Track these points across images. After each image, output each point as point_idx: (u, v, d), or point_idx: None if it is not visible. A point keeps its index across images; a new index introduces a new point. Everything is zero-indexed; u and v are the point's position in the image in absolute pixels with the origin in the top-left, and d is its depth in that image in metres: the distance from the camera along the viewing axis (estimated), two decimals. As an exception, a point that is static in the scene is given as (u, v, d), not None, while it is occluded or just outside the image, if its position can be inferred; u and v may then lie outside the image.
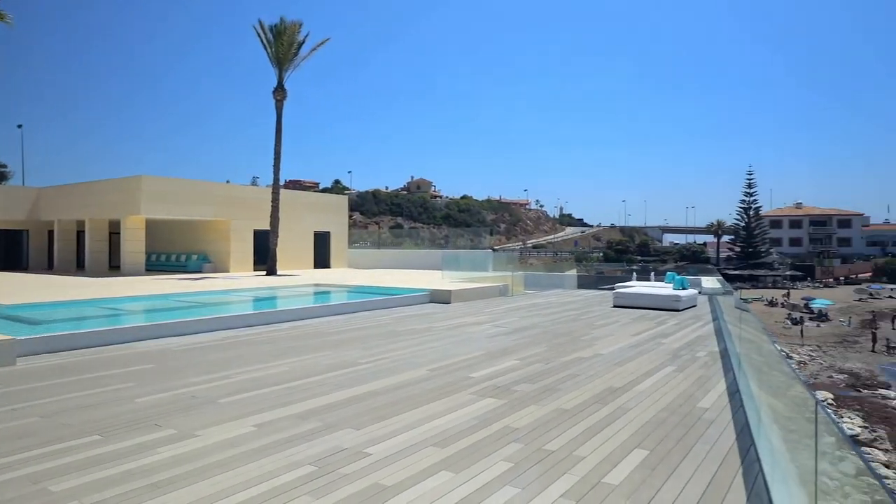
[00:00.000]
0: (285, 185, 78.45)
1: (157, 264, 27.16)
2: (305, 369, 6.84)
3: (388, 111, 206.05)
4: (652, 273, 21.50)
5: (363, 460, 3.98)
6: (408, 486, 3.56)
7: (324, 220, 30.15)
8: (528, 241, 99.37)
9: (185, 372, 6.69)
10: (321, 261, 29.70)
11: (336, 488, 3.53)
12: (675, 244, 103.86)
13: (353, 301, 13.23)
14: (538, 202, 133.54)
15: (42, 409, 5.14)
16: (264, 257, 24.34)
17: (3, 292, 14.45)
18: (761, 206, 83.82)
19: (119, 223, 24.27)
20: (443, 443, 4.33)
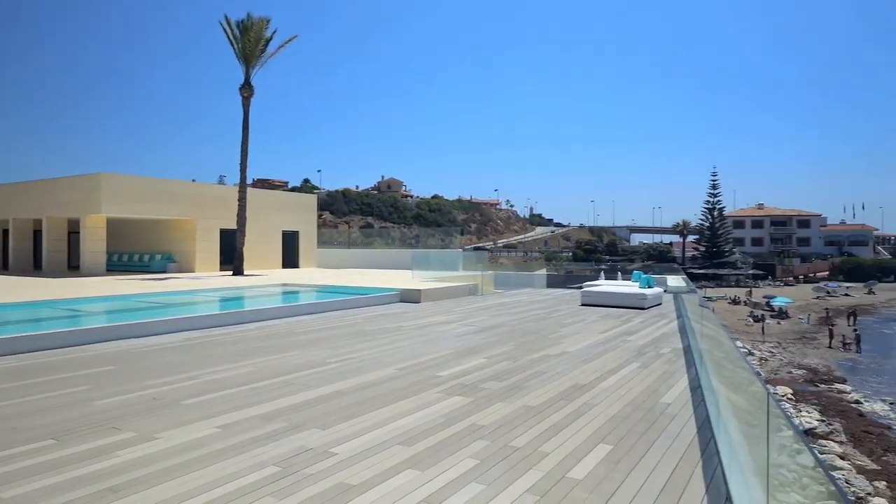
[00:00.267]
0: (253, 184, 77.23)
1: (119, 264, 26.46)
2: (272, 369, 6.75)
3: (358, 111, 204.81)
4: (619, 272, 21.86)
5: (328, 460, 3.94)
6: (373, 485, 3.55)
7: (292, 219, 29.80)
8: (498, 241, 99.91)
9: (147, 373, 6.53)
10: (290, 260, 29.35)
11: (300, 488, 3.49)
12: (643, 244, 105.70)
13: (321, 301, 13.11)
14: (508, 202, 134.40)
15: (-6, 413, 4.96)
16: (231, 257, 23.94)
17: (-46, 293, 13.89)
18: (725, 207, 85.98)
19: (78, 222, 23.57)
20: (409, 441, 4.32)
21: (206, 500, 3.30)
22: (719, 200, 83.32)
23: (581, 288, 15.90)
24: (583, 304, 14.49)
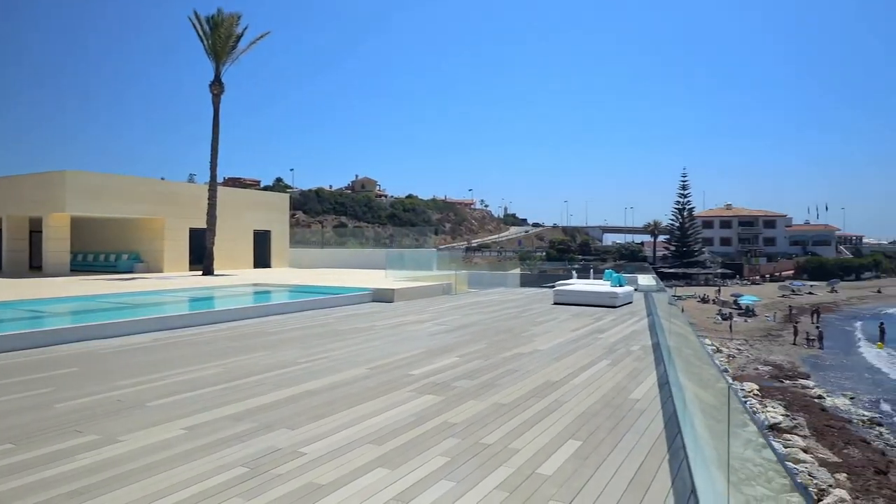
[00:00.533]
0: (225, 183, 76.04)
1: (84, 264, 25.79)
2: (242, 370, 6.66)
3: (332, 110, 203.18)
4: (591, 271, 22.13)
5: (298, 460, 3.91)
6: (343, 484, 3.53)
7: (264, 218, 29.43)
8: (472, 241, 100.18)
9: (112, 375, 6.38)
10: (261, 260, 28.98)
11: (269, 489, 3.45)
12: (616, 243, 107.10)
13: (293, 301, 12.98)
14: (483, 202, 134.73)
15: (-51, 417, 4.79)
16: (201, 257, 23.52)
17: None
18: (694, 207, 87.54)
19: (41, 221, 22.89)
20: (380, 440, 4.31)
21: (173, 502, 3.24)
22: (689, 201, 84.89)
23: (553, 287, 16.04)
24: (555, 303, 14.62)
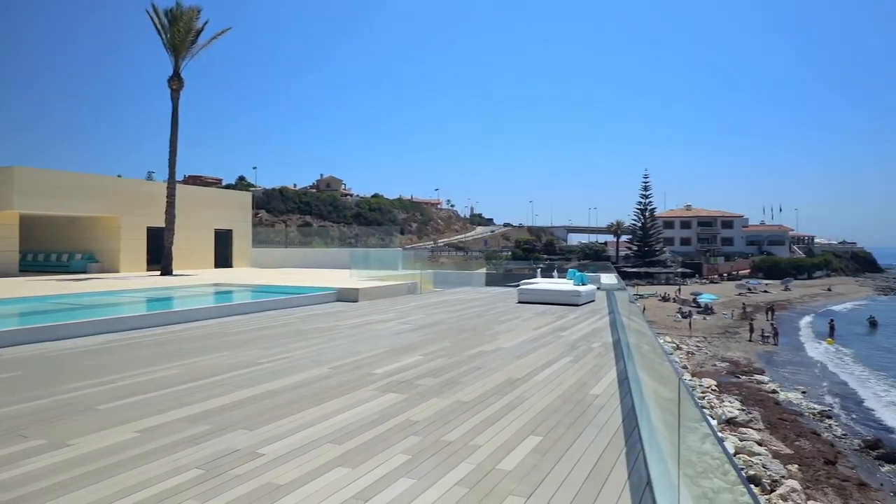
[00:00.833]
0: (185, 181, 74.13)
1: (35, 264, 24.78)
2: (199, 371, 6.50)
3: (296, 108, 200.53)
4: (556, 271, 22.39)
5: (256, 461, 3.83)
6: (302, 484, 3.48)
7: (225, 217, 28.82)
8: (439, 241, 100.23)
9: (60, 378, 6.15)
10: (223, 260, 28.37)
11: (225, 490, 3.38)
12: (581, 243, 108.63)
13: (254, 301, 12.75)
14: (449, 202, 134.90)
15: None
16: (159, 256, 22.89)
17: None
18: (656, 208, 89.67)
19: (-12, 219, 21.91)
20: (340, 439, 4.26)
21: (122, 507, 3.14)
22: (651, 202, 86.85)
23: (518, 286, 16.17)
24: (519, 302, 14.74)
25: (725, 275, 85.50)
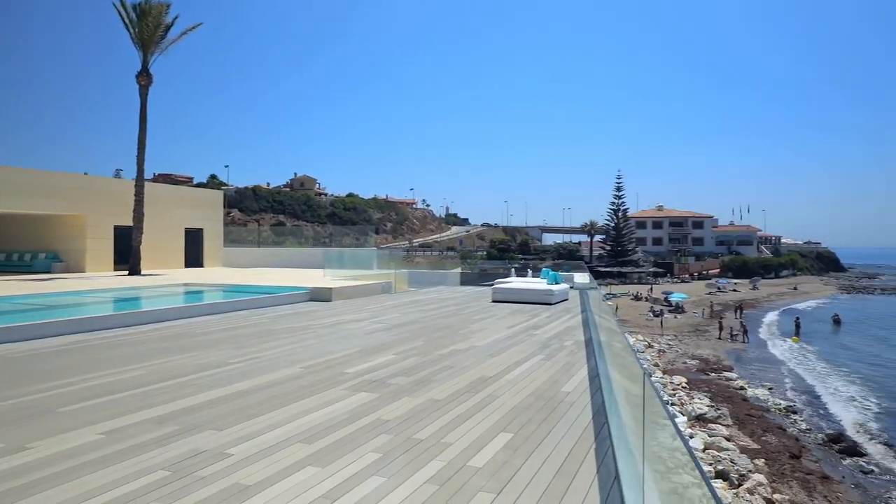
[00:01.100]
0: (155, 179, 72.75)
1: (-3, 264, 24.05)
2: (167, 372, 6.38)
3: (269, 106, 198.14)
4: (530, 270, 22.55)
5: (223, 461, 3.78)
6: (270, 484, 3.44)
7: (196, 215, 28.33)
8: (414, 240, 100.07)
9: (19, 381, 5.97)
10: (193, 259, 27.88)
11: (191, 491, 3.32)
12: (556, 243, 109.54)
13: (225, 301, 12.56)
14: (424, 202, 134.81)
15: None
16: (127, 256, 22.39)
17: None
18: (629, 209, 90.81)
19: (-53, 217, 21.19)
20: (311, 439, 4.23)
21: (83, 511, 3.07)
22: (623, 202, 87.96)
23: (492, 285, 16.23)
24: (493, 301, 14.80)
25: (696, 274, 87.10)
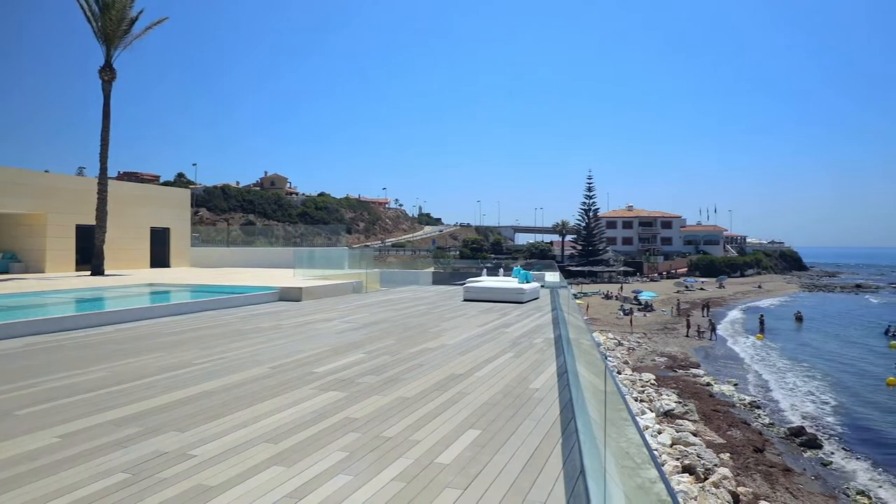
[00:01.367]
0: (120, 177, 71.00)
1: (-49, 265, 23.14)
2: (129, 373, 6.22)
3: (239, 104, 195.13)
4: (502, 269, 22.68)
5: (186, 462, 3.70)
6: (234, 484, 3.38)
7: (162, 214, 27.72)
8: (387, 240, 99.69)
9: (-25, 383, 5.76)
10: (159, 259, 27.29)
11: (152, 493, 3.25)
12: (529, 243, 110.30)
13: (192, 301, 12.32)
14: (397, 201, 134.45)
15: None
16: (89, 256, 21.79)
17: None
18: (599, 209, 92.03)
19: None
20: (276, 438, 4.17)
21: (37, 515, 2.97)
22: (594, 202, 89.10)
23: (464, 284, 16.27)
24: (465, 300, 14.84)
25: (665, 273, 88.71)
